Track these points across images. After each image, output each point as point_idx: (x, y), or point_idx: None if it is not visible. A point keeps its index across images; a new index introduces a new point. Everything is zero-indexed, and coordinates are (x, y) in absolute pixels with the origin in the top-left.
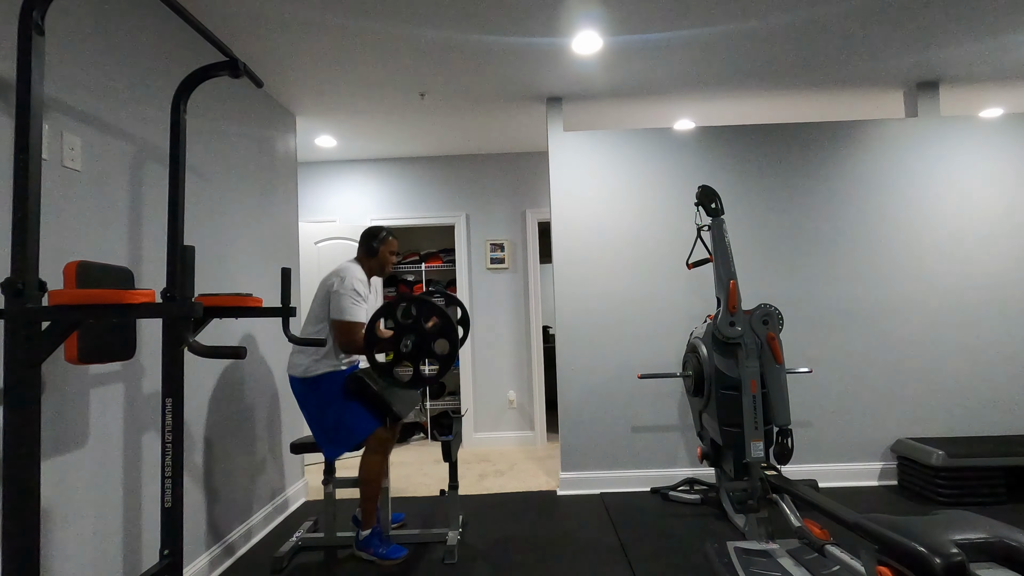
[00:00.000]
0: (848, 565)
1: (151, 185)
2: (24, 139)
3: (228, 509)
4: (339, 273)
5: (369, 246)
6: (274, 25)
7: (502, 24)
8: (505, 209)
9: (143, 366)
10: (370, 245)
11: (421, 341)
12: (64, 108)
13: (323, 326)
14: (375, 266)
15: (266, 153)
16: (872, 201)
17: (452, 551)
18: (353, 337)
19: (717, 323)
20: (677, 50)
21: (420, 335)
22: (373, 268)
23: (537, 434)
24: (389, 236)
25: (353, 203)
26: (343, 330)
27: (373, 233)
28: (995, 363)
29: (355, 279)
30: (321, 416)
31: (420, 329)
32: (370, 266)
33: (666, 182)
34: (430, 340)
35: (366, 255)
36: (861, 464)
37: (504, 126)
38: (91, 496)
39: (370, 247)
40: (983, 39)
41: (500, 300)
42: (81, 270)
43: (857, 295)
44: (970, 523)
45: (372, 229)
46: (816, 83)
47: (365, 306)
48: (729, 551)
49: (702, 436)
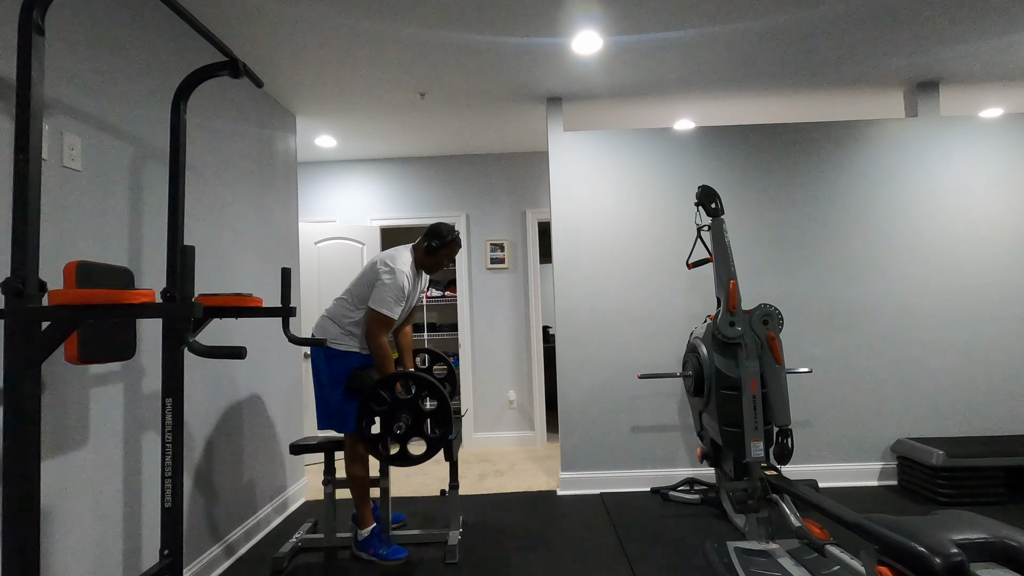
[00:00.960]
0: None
1: (151, 185)
2: (24, 139)
3: (228, 509)
4: (392, 262)
5: (430, 244)
6: (274, 25)
7: (502, 24)
8: (505, 209)
9: (143, 366)
10: (431, 244)
11: (415, 420)
12: (64, 108)
13: (364, 310)
14: (428, 263)
15: (266, 153)
16: (872, 201)
17: (453, 551)
18: (380, 330)
19: (717, 323)
20: (677, 50)
21: (415, 414)
22: (425, 264)
23: (537, 434)
24: (454, 242)
25: (353, 203)
26: (376, 319)
27: (440, 233)
28: (995, 363)
29: (404, 276)
30: (331, 391)
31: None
32: (423, 261)
33: (666, 182)
34: (423, 420)
35: (424, 251)
36: (861, 464)
37: (504, 126)
38: (91, 496)
39: (431, 246)
40: (983, 39)
41: (500, 300)
42: (81, 270)
43: (857, 295)
44: (970, 523)
45: (440, 228)
46: (816, 83)
47: (404, 305)
48: (729, 551)
49: (702, 436)
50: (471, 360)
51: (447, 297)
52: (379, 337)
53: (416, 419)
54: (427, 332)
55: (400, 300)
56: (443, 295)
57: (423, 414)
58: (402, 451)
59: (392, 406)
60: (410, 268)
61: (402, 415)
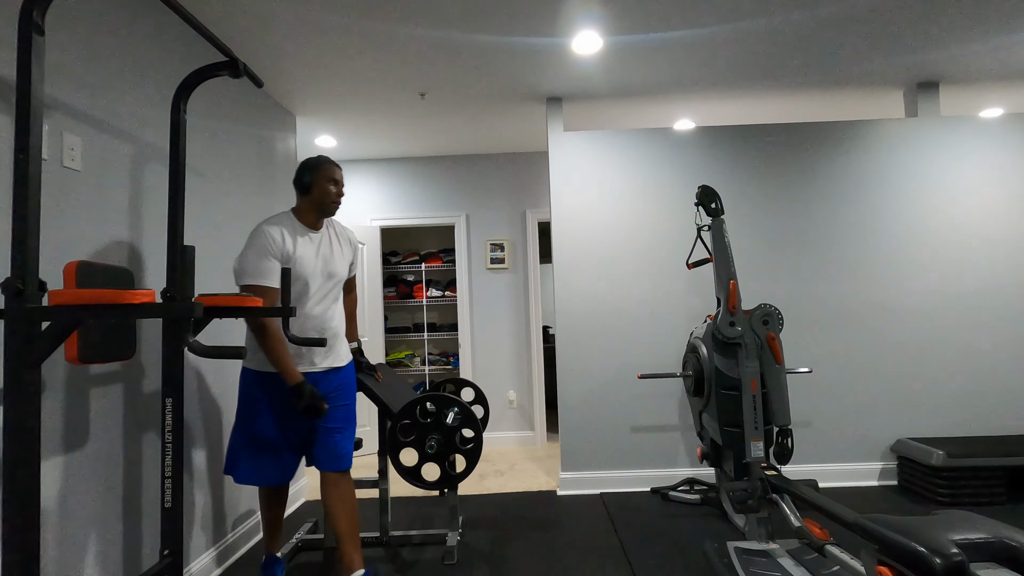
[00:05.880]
0: (848, 565)
1: (151, 185)
2: (24, 139)
3: (228, 509)
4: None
5: (301, 180)
6: (274, 25)
7: (502, 24)
8: (505, 209)
9: (143, 366)
10: (302, 180)
11: (446, 438)
12: (64, 108)
13: None
14: (317, 202)
15: (266, 153)
16: (872, 201)
17: (452, 551)
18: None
19: (717, 323)
20: (677, 50)
21: (443, 431)
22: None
23: (537, 434)
24: (321, 164)
25: (353, 203)
26: None
27: (305, 166)
28: (995, 363)
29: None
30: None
31: (442, 425)
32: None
33: (666, 182)
34: (453, 434)
35: (301, 193)
36: (861, 464)
37: (504, 126)
38: (91, 496)
39: (302, 181)
40: (983, 39)
41: (500, 300)
42: (81, 270)
43: (857, 295)
44: (970, 523)
45: (303, 163)
46: (816, 83)
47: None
48: (729, 551)
49: (702, 436)
50: (471, 360)
51: (447, 297)
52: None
53: (446, 436)
54: (427, 332)
55: (265, 255)
56: (443, 295)
57: (450, 428)
58: (444, 474)
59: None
60: (278, 226)
61: (432, 435)
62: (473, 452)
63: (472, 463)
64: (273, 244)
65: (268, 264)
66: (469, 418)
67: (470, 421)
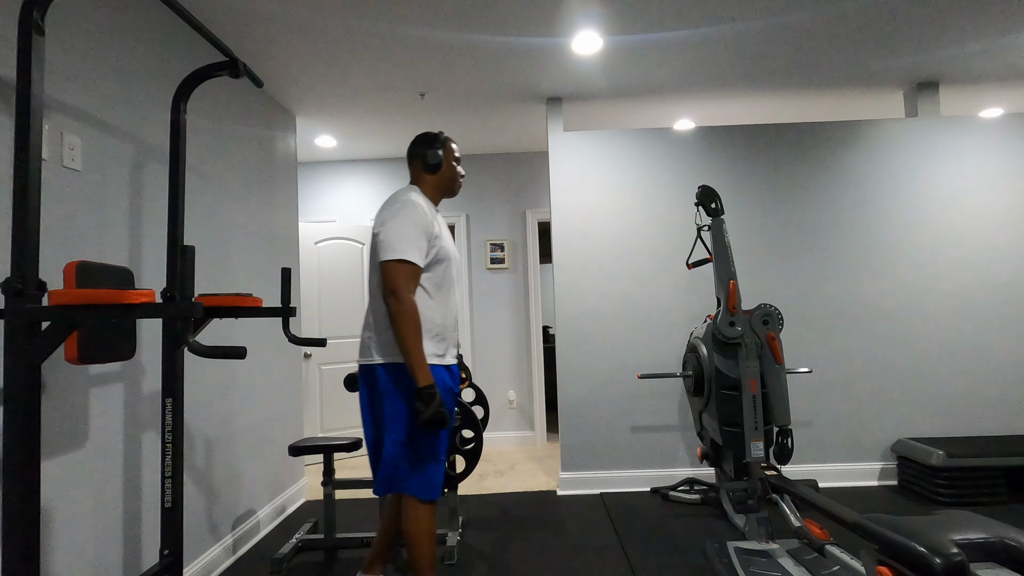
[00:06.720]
0: (848, 565)
1: (151, 185)
2: (24, 139)
3: (228, 509)
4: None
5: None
6: (274, 25)
7: (502, 24)
8: (505, 209)
9: (143, 366)
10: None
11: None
12: (64, 108)
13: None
14: (444, 182)
15: (266, 153)
16: (872, 201)
17: (452, 551)
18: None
19: (717, 323)
20: (677, 50)
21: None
22: (441, 185)
23: (537, 434)
24: (445, 138)
25: (353, 203)
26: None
27: (427, 140)
28: (996, 363)
29: (419, 207)
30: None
31: None
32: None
33: (666, 182)
34: (453, 434)
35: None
36: (861, 464)
37: (504, 126)
38: (91, 496)
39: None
40: (983, 39)
41: (500, 300)
42: (81, 270)
43: (857, 295)
44: (970, 523)
45: (423, 137)
46: (816, 83)
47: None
48: (729, 551)
49: (702, 436)
50: (471, 360)
51: None
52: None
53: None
54: None
55: (419, 235)
56: None
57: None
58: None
59: None
60: (426, 201)
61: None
62: (473, 452)
63: (472, 463)
64: (426, 221)
65: (423, 243)
66: (469, 418)
67: (470, 421)
